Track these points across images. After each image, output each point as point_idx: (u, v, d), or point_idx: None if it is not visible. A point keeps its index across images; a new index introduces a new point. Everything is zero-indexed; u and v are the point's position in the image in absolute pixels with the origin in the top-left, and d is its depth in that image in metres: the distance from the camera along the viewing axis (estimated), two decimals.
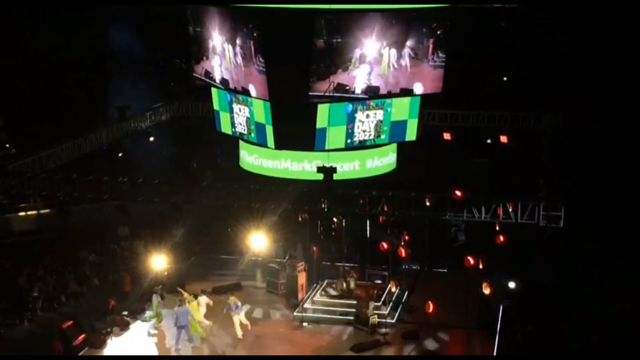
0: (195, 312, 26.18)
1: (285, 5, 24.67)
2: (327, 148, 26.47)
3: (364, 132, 27.24)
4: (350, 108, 26.59)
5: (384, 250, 28.17)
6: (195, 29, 28.40)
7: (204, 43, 28.01)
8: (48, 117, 40.81)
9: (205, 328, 26.35)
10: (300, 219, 28.86)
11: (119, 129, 34.53)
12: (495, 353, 25.33)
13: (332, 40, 24.92)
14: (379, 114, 27.24)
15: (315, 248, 29.79)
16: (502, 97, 39.83)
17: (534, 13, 45.32)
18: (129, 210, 28.82)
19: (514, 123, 35.09)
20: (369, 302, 26.95)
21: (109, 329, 26.55)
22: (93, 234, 33.67)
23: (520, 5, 45.28)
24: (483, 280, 26.54)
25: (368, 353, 25.34)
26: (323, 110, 25.97)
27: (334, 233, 28.23)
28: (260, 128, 27.16)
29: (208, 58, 28.13)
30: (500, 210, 25.38)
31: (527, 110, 35.19)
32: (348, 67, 25.52)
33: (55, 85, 43.40)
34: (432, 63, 26.69)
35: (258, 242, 29.49)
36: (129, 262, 32.14)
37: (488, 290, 26.24)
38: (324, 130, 26.30)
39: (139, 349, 25.74)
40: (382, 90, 26.38)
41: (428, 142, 32.21)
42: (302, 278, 29.00)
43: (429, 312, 26.88)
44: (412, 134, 28.31)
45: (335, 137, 26.56)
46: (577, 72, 41.42)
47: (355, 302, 27.57)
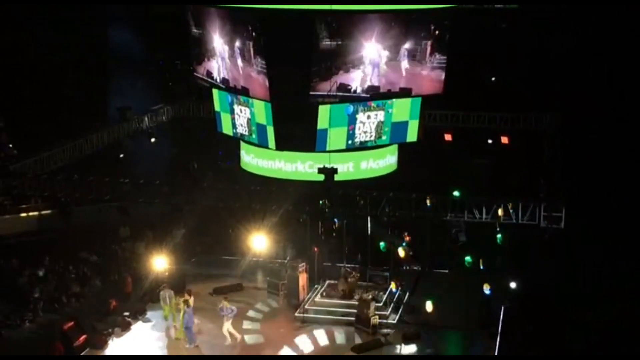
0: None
1: (286, 6, 24.69)
2: (328, 149, 26.48)
3: (365, 133, 27.24)
4: (351, 109, 26.59)
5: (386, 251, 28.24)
6: (196, 31, 28.44)
7: (205, 44, 28.04)
8: (48, 117, 40.69)
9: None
10: (301, 220, 28.89)
11: (120, 130, 34.53)
12: (497, 353, 25.37)
13: (332, 42, 24.92)
14: (380, 115, 27.24)
15: (316, 249, 29.81)
16: (502, 98, 39.79)
17: (534, 13, 45.38)
18: (130, 211, 28.76)
19: (515, 124, 35.07)
20: (370, 302, 27.00)
21: (110, 330, 26.63)
22: (94, 235, 33.61)
23: (521, 6, 45.38)
24: (484, 281, 26.59)
25: (369, 354, 25.40)
26: (324, 112, 25.98)
27: (335, 234, 28.43)
28: (261, 129, 27.18)
29: (209, 59, 28.17)
30: (501, 211, 25.36)
31: (527, 111, 35.20)
32: (349, 68, 25.55)
33: (55, 86, 43.27)
34: (429, 64, 26.71)
35: (259, 242, 29.50)
36: (130, 263, 32.14)
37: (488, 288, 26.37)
38: (325, 132, 26.29)
39: (140, 350, 25.78)
40: (382, 90, 26.38)
41: (429, 143, 32.19)
42: (303, 279, 29.05)
43: (430, 312, 26.92)
44: (413, 135, 28.33)
45: (336, 138, 26.56)
46: (577, 72, 41.46)
47: (356, 302, 27.65)
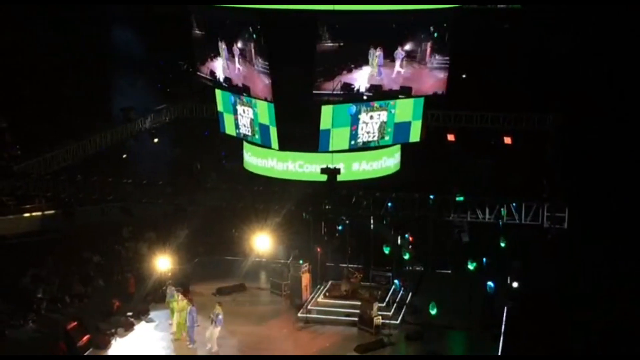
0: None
1: (287, 6, 24.72)
2: (330, 149, 26.52)
3: (368, 133, 27.28)
4: (354, 109, 26.64)
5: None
6: (199, 32, 28.47)
7: (208, 45, 28.08)
8: (48, 117, 40.71)
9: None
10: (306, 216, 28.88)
11: (123, 131, 34.54)
12: (499, 354, 25.38)
13: (335, 43, 24.97)
14: (383, 115, 27.28)
15: (319, 249, 29.83)
16: (505, 98, 39.83)
17: (535, 13, 45.46)
18: (133, 212, 28.81)
19: (518, 124, 35.19)
20: (373, 303, 27.02)
21: (114, 330, 26.63)
22: (97, 235, 33.58)
23: (524, 6, 45.46)
24: (487, 280, 26.63)
25: (372, 354, 25.40)
26: (327, 112, 26.02)
27: (338, 235, 28.39)
28: (265, 129, 27.22)
29: (212, 59, 28.20)
30: (504, 211, 25.39)
31: (530, 111, 35.28)
32: (352, 68, 25.58)
33: (56, 86, 43.32)
34: (430, 65, 26.77)
35: (262, 243, 29.50)
36: (133, 263, 32.09)
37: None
38: (328, 132, 26.33)
39: (144, 350, 25.78)
40: (384, 89, 26.43)
41: (432, 143, 32.22)
42: (306, 279, 29.07)
43: (433, 313, 26.95)
44: (415, 135, 28.37)
45: (339, 138, 26.62)
46: (578, 72, 41.51)
47: (359, 303, 27.67)
